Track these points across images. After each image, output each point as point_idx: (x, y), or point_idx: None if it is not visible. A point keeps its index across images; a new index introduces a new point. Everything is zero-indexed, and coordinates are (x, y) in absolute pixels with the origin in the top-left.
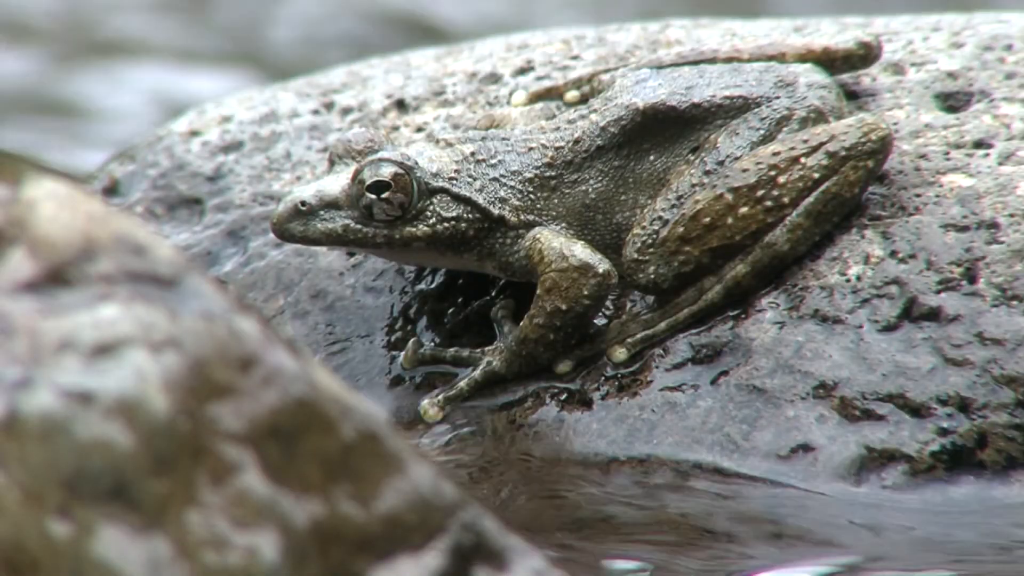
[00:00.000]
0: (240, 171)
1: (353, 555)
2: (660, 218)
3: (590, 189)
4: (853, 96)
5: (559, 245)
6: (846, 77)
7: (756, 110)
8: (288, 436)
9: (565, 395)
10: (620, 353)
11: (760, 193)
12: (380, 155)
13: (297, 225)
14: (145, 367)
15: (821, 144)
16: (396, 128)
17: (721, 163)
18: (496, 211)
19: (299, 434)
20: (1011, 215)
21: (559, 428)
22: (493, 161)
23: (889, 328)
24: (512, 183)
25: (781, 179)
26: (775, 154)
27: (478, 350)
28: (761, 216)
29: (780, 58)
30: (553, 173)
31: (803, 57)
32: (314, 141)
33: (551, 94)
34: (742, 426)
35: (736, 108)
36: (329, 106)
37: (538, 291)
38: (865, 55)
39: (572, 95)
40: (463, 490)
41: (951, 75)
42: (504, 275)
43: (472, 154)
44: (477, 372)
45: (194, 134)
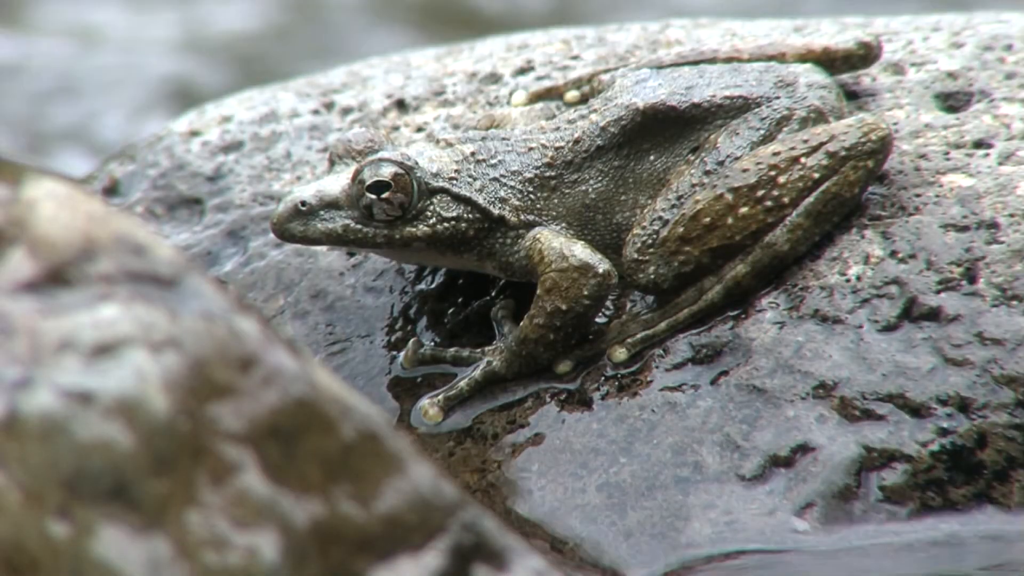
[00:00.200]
0: (240, 171)
1: (353, 555)
2: (660, 218)
3: (590, 189)
4: (853, 96)
5: (559, 245)
6: (846, 77)
7: (756, 110)
8: (288, 436)
9: (565, 395)
10: (620, 353)
11: (760, 193)
12: (380, 155)
13: (297, 225)
14: (145, 367)
15: (821, 144)
16: (396, 128)
17: (721, 163)
18: (496, 211)
19: (299, 434)
20: (1011, 215)
21: (559, 428)
22: (493, 161)
23: (889, 328)
24: (512, 183)
25: (781, 179)
26: (775, 154)
27: (478, 350)
28: (761, 216)
29: (780, 58)
30: (553, 173)
31: (803, 57)
32: (314, 141)
33: (551, 94)
34: (742, 426)
35: (736, 108)
36: (329, 106)
37: (538, 291)
38: (865, 55)
39: (572, 95)
40: (462, 490)
41: (951, 75)
42: (504, 275)
43: (472, 154)
44: (477, 372)
45: (194, 134)
